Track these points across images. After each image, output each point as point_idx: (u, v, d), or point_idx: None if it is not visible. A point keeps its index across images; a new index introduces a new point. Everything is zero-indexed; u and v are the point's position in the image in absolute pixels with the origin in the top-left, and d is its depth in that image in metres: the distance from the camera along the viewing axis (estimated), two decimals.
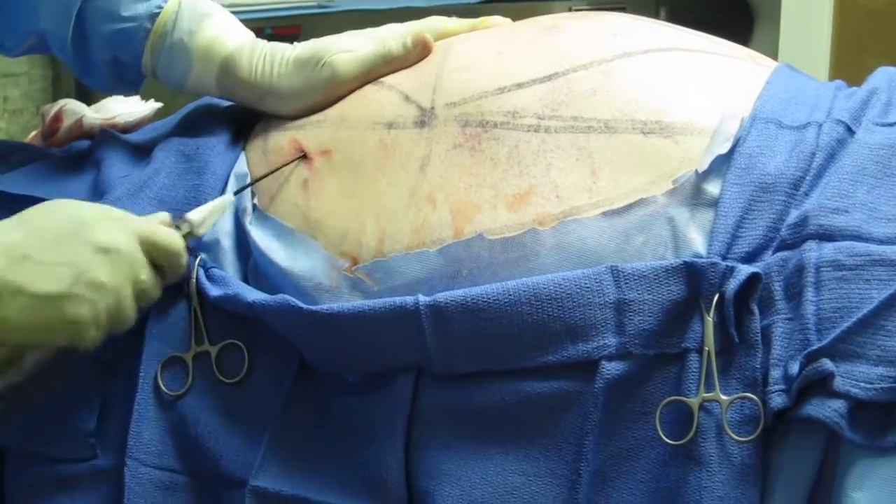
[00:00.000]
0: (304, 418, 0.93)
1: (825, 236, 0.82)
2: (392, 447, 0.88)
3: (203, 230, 0.96)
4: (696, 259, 0.84)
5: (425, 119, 0.95)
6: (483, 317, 0.86)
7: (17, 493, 0.99)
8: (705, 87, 0.93)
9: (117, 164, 1.04)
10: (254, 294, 0.93)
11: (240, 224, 0.99)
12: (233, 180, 1.01)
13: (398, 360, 0.89)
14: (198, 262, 0.96)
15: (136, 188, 1.00)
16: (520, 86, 0.94)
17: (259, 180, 0.99)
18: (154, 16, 1.04)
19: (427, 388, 0.89)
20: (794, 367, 0.79)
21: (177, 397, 0.95)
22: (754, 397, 0.80)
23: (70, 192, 1.02)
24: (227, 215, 1.00)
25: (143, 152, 1.05)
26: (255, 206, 0.99)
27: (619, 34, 0.97)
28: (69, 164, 1.07)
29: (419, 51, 1.01)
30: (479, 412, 0.87)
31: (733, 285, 0.82)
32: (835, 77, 1.01)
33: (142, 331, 0.95)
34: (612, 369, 0.84)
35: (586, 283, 0.85)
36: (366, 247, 0.93)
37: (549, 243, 0.88)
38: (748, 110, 0.90)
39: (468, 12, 1.08)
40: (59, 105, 1.15)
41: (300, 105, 1.02)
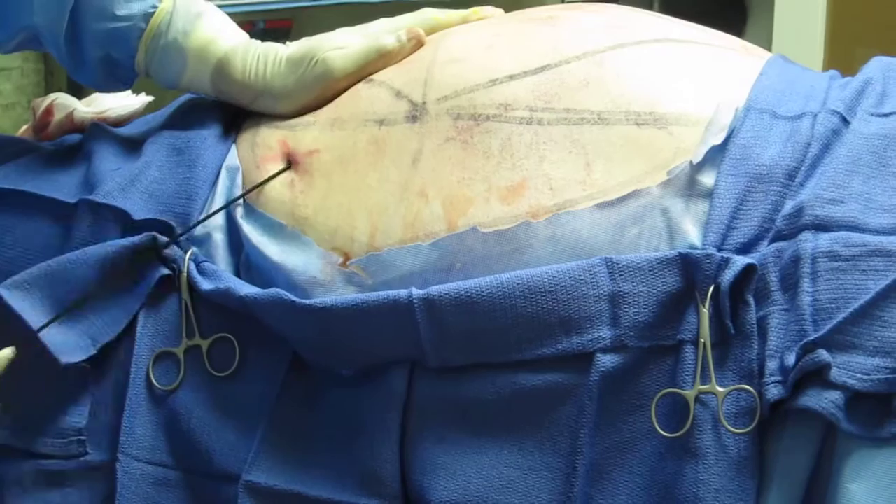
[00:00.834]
0: (298, 412, 0.92)
1: (821, 227, 0.82)
2: (386, 441, 0.88)
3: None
4: (690, 250, 0.83)
5: (417, 114, 0.95)
6: (477, 310, 0.85)
7: (7, 489, 0.98)
8: (699, 78, 0.92)
9: (108, 158, 1.03)
10: (246, 288, 0.93)
11: (231, 218, 0.98)
12: (224, 173, 1.00)
13: (392, 354, 0.89)
14: (188, 256, 0.96)
15: (126, 182, 0.99)
16: (512, 78, 0.93)
17: (245, 195, 0.97)
18: (148, 15, 1.03)
19: (421, 381, 0.88)
20: (791, 359, 0.78)
21: (169, 392, 0.95)
22: (750, 389, 0.80)
23: (61, 186, 1.01)
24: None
25: (134, 146, 1.05)
26: (244, 201, 0.98)
27: (612, 25, 0.96)
28: (60, 158, 1.06)
29: (413, 45, 1.01)
30: (473, 405, 0.87)
31: (728, 276, 0.81)
32: (828, 69, 1.01)
33: (133, 326, 0.95)
34: (606, 362, 0.83)
35: (580, 276, 0.84)
36: (358, 242, 0.92)
37: (543, 235, 0.87)
38: (742, 101, 0.90)
39: (460, 3, 1.07)
40: (50, 99, 1.14)
41: (295, 104, 1.01)
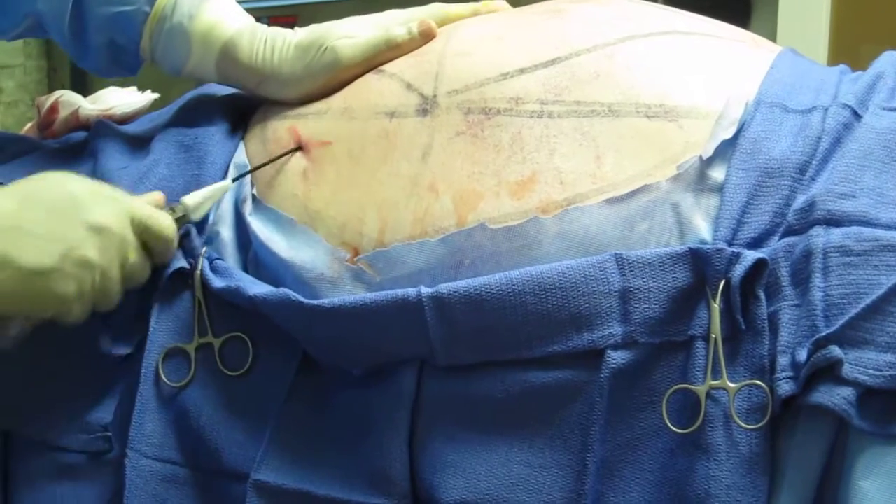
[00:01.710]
0: (307, 411, 0.92)
1: (832, 221, 0.81)
2: (396, 439, 0.87)
3: (198, 215, 0.96)
4: (701, 245, 0.83)
5: (427, 107, 0.94)
6: (486, 308, 0.85)
7: (19, 480, 0.99)
8: (709, 71, 0.92)
9: (115, 156, 1.03)
10: (255, 287, 0.93)
11: (239, 214, 0.98)
12: (232, 170, 1.00)
13: (401, 353, 0.88)
14: (203, 253, 0.96)
15: (135, 180, 0.99)
16: (522, 71, 0.93)
17: (257, 169, 0.98)
18: None
19: (430, 379, 0.88)
20: (802, 354, 0.78)
21: (179, 389, 0.95)
22: (762, 384, 0.80)
23: None
24: (227, 206, 0.99)
25: (140, 143, 1.04)
26: (254, 197, 0.98)
27: (621, 17, 0.96)
28: (65, 156, 1.06)
29: (423, 37, 1.00)
30: (483, 403, 0.86)
31: (739, 271, 0.81)
32: (832, 65, 1.00)
33: (146, 321, 0.95)
34: (617, 358, 0.83)
35: (590, 272, 0.84)
36: (367, 237, 0.92)
37: (553, 231, 0.87)
38: (753, 94, 0.89)
39: None
40: (55, 96, 1.14)
41: (301, 90, 1.01)
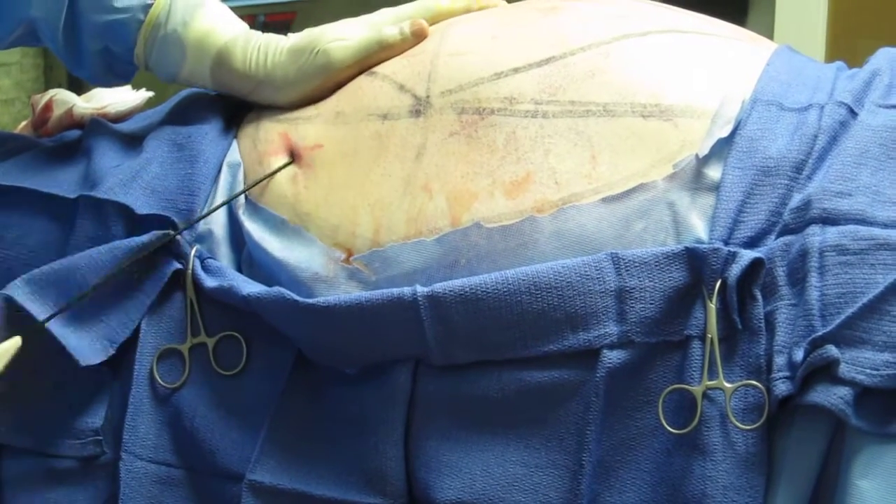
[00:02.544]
0: (302, 411, 0.92)
1: (829, 220, 0.81)
2: (391, 439, 0.87)
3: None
4: (697, 245, 0.83)
5: (420, 108, 0.94)
6: (482, 307, 0.85)
7: (12, 486, 0.98)
8: (705, 69, 0.91)
9: (108, 154, 1.03)
10: (249, 286, 0.92)
11: (233, 213, 0.98)
12: (225, 169, 1.00)
13: (396, 352, 0.88)
14: (193, 253, 0.95)
15: (127, 178, 0.99)
16: (516, 70, 0.92)
17: (247, 190, 0.97)
18: (147, 7, 1.03)
19: (426, 378, 0.88)
20: (799, 354, 0.78)
21: (173, 390, 0.94)
22: (758, 384, 0.79)
23: (60, 182, 1.01)
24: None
25: (134, 141, 1.04)
26: (246, 196, 0.98)
27: (616, 15, 0.95)
28: (60, 155, 1.06)
29: (415, 37, 1.00)
30: (479, 403, 0.86)
31: (736, 271, 0.80)
32: (830, 61, 1.00)
33: (131, 325, 0.94)
34: (613, 358, 0.83)
35: (586, 271, 0.84)
36: (360, 238, 0.91)
37: (548, 230, 0.86)
38: (749, 93, 0.89)
39: None
40: (50, 95, 1.14)
41: (295, 94, 1.00)
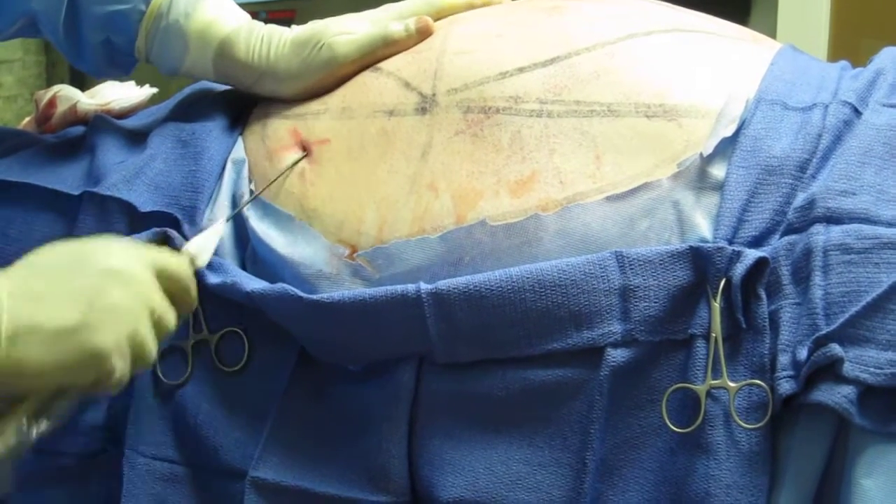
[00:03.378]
0: (305, 408, 0.92)
1: (833, 219, 0.81)
2: (394, 436, 0.87)
3: (202, 262, 0.91)
4: (702, 244, 0.83)
5: (426, 106, 0.94)
6: (486, 304, 0.85)
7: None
8: (709, 69, 0.91)
9: (112, 150, 1.03)
10: (253, 283, 0.92)
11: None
12: (230, 166, 1.00)
13: (400, 349, 0.88)
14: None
15: (131, 174, 0.99)
16: (522, 70, 0.92)
17: (267, 187, 0.96)
18: None
19: (429, 376, 0.88)
20: (803, 353, 0.78)
21: (176, 387, 0.94)
22: (762, 384, 0.79)
23: (64, 178, 1.01)
24: (224, 202, 0.98)
25: (138, 138, 1.04)
26: (251, 193, 0.97)
27: (621, 15, 0.95)
28: (63, 151, 1.06)
29: (420, 34, 0.99)
30: (482, 401, 0.86)
31: (740, 270, 0.81)
32: (833, 60, 1.00)
33: None
34: (617, 356, 0.83)
35: (591, 270, 0.84)
36: (365, 235, 0.91)
37: (553, 229, 0.86)
38: (753, 92, 0.89)
39: None
40: (53, 91, 1.13)
41: (297, 87, 1.00)
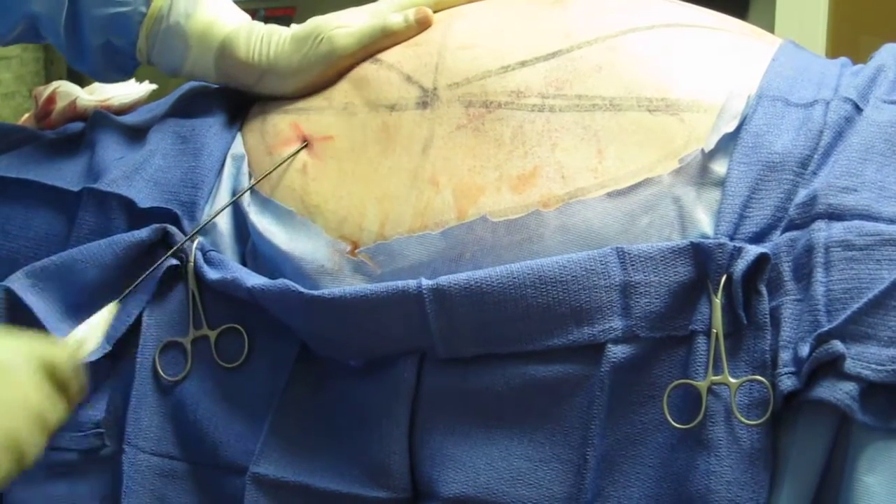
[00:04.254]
0: (305, 403, 0.92)
1: (834, 216, 0.81)
2: (395, 432, 0.87)
3: (87, 349, 0.86)
4: (703, 240, 0.83)
5: (427, 100, 0.94)
6: (487, 300, 0.84)
7: (12, 482, 0.98)
8: (711, 64, 0.91)
9: (112, 147, 1.03)
10: (253, 278, 0.92)
11: (237, 206, 0.98)
12: (229, 161, 0.99)
13: (401, 345, 0.88)
14: (195, 245, 0.95)
15: (131, 170, 0.99)
16: (523, 64, 0.92)
17: (266, 176, 0.96)
18: None
19: (430, 372, 0.88)
20: (804, 349, 0.78)
21: (175, 382, 0.94)
22: (763, 380, 0.79)
23: (64, 174, 1.01)
24: (224, 197, 0.98)
25: (138, 134, 1.04)
26: (253, 189, 0.97)
27: (622, 9, 0.95)
28: (63, 147, 1.06)
29: (420, 26, 0.99)
30: (483, 396, 0.86)
31: (741, 266, 0.80)
32: (832, 57, 1.00)
33: (139, 316, 0.94)
34: (618, 352, 0.83)
35: (592, 266, 0.84)
36: (367, 231, 0.91)
37: (554, 225, 0.86)
38: (754, 88, 0.89)
39: None
40: (53, 87, 1.13)
41: (299, 83, 1.00)
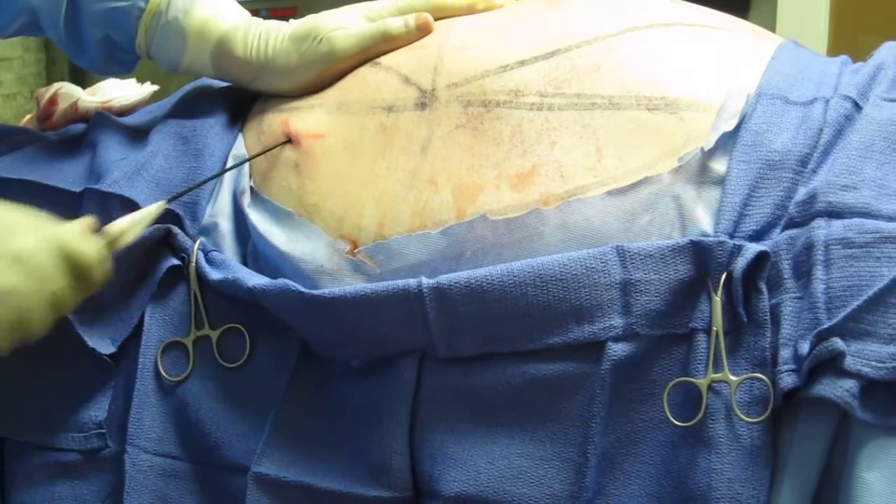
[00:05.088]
0: (307, 403, 0.92)
1: (834, 213, 0.81)
2: (396, 431, 0.87)
3: (123, 242, 0.90)
4: (702, 238, 0.83)
5: (426, 101, 0.94)
6: (487, 299, 0.85)
7: (16, 480, 0.98)
8: (710, 63, 0.91)
9: (114, 147, 1.03)
10: (254, 278, 0.92)
11: (238, 206, 0.98)
12: (231, 162, 0.99)
13: (401, 344, 0.88)
14: (197, 246, 0.95)
15: (132, 171, 0.99)
16: (522, 63, 0.92)
17: (238, 165, 0.97)
18: None
19: (431, 371, 0.88)
20: (804, 347, 0.78)
21: (177, 382, 0.94)
22: (764, 377, 0.79)
23: (65, 175, 1.01)
24: (225, 198, 0.98)
25: (139, 135, 1.04)
26: (251, 189, 0.98)
27: (621, 8, 0.95)
28: (65, 148, 1.06)
29: (420, 31, 0.99)
30: (484, 395, 0.86)
31: (741, 264, 0.81)
32: (832, 56, 1.00)
33: (141, 317, 0.94)
34: (618, 350, 0.83)
35: (592, 264, 0.84)
36: (365, 230, 0.91)
37: (554, 223, 0.86)
38: (754, 86, 0.89)
39: None
40: (55, 88, 1.14)
41: (296, 81, 1.00)
